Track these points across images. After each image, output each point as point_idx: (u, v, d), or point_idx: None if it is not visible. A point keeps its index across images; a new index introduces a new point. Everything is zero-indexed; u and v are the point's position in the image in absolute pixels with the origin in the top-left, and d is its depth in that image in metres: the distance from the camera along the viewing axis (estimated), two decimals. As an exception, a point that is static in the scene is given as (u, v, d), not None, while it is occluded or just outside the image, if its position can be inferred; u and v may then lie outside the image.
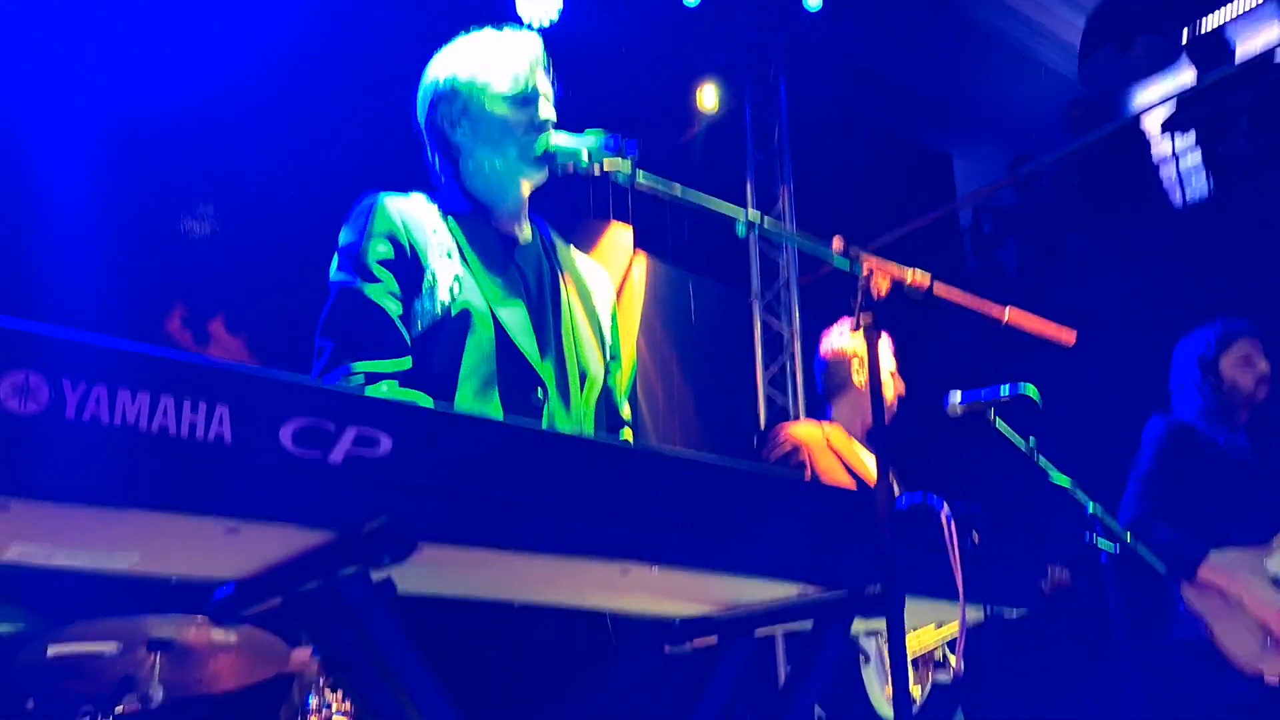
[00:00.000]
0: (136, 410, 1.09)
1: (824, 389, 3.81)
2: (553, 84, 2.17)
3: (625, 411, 2.26)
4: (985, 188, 7.31)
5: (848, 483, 3.44)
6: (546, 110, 2.10)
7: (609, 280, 2.30)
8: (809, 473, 3.46)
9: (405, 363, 1.90)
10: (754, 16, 7.18)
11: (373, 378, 1.85)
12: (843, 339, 3.75)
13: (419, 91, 2.18)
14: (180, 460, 1.12)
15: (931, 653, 3.49)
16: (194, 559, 1.32)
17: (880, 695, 3.37)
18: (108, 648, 3.03)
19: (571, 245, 2.29)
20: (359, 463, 1.22)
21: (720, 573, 1.54)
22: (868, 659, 3.38)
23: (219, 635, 3.08)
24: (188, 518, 1.14)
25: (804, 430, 3.64)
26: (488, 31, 2.15)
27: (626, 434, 2.24)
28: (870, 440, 3.58)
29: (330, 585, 1.28)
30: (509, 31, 2.15)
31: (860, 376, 3.71)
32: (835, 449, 3.55)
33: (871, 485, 3.48)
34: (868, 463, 3.60)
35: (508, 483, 1.33)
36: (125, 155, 4.81)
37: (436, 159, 2.17)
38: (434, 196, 2.11)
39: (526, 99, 2.09)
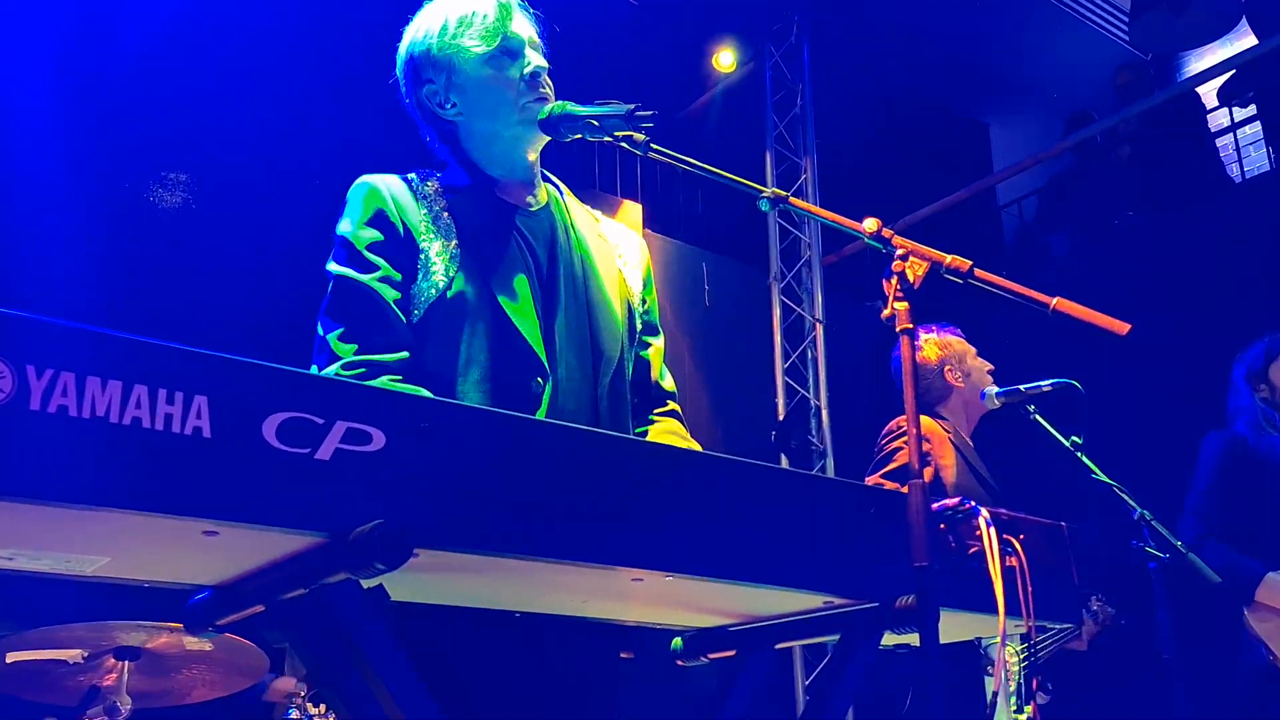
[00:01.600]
0: (107, 401, 1.09)
1: (920, 398, 3.89)
2: (536, 25, 2.16)
3: (668, 382, 2.27)
4: (1026, 160, 7.26)
5: (972, 481, 3.52)
6: (535, 58, 2.10)
7: (641, 246, 2.30)
8: (932, 467, 3.55)
9: (406, 354, 1.91)
10: (775, -30, 7.14)
11: (375, 369, 1.87)
12: (927, 346, 3.93)
13: (397, 69, 2.18)
14: (154, 456, 1.11)
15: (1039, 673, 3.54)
16: (168, 563, 1.32)
17: (1004, 710, 3.39)
18: (72, 655, 3.03)
19: (599, 211, 2.29)
20: (349, 459, 1.22)
21: (739, 582, 1.53)
22: (992, 666, 3.41)
23: (193, 643, 3.09)
24: (162, 518, 1.13)
25: (926, 421, 3.72)
26: None
27: (673, 406, 2.26)
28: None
29: (318, 593, 1.27)
30: None
31: (954, 376, 3.86)
32: (957, 445, 3.69)
33: (992, 484, 3.57)
34: (983, 465, 3.71)
35: (511, 482, 1.32)
36: (88, 115, 4.76)
37: (431, 137, 2.18)
38: (430, 174, 2.12)
39: (508, 51, 2.09)
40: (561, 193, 2.22)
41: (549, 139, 2.11)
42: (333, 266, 1.99)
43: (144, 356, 1.12)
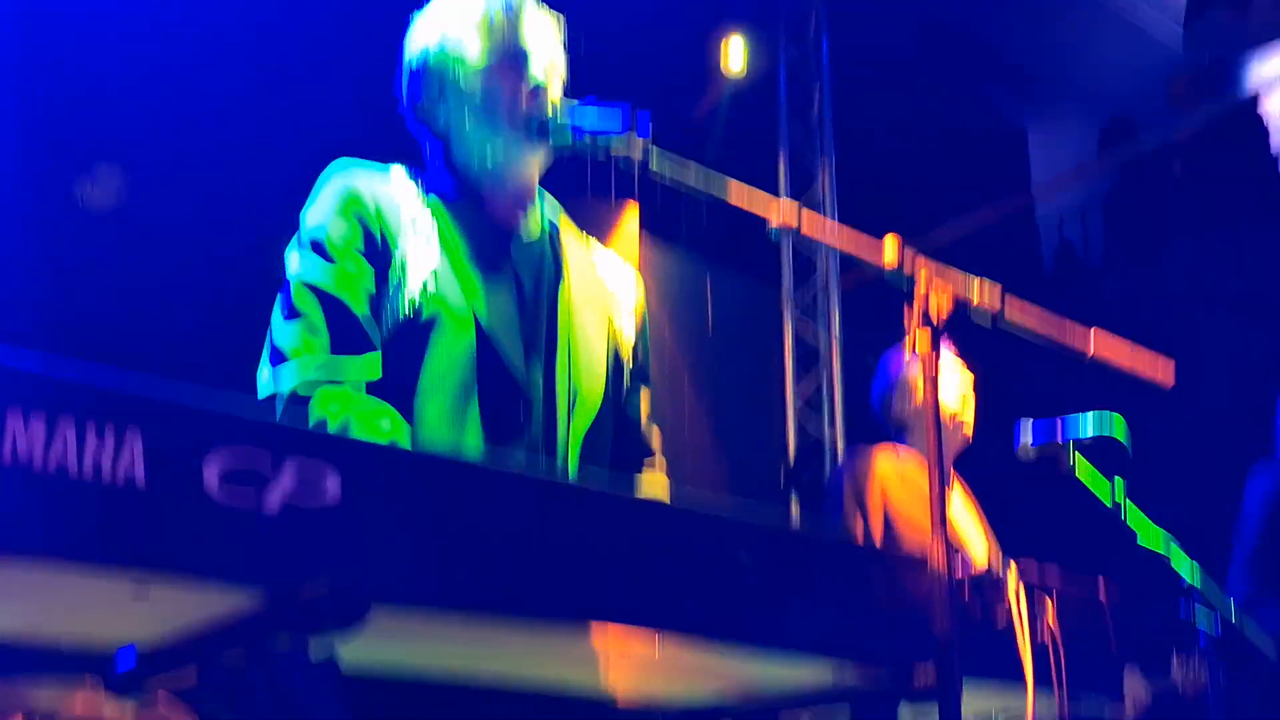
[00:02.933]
0: (29, 442, 1.08)
1: (893, 424, 3.98)
2: (558, 34, 2.21)
3: (656, 434, 2.33)
4: (1068, 172, 7.31)
5: (925, 518, 3.51)
6: (538, 70, 2.13)
7: (637, 285, 2.36)
8: (880, 514, 3.56)
9: (372, 365, 1.94)
10: (792, -45, 7.18)
11: (335, 380, 1.89)
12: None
13: (400, 66, 2.24)
14: (80, 501, 1.11)
15: None
16: (91, 621, 1.31)
17: None
18: (-28, 718, 3.01)
19: (593, 239, 2.34)
20: (301, 511, 1.22)
21: (737, 646, 1.53)
22: None
23: (112, 710, 3.06)
24: (86, 571, 1.13)
25: (879, 459, 3.75)
26: None
27: (659, 463, 2.31)
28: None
29: (260, 657, 1.27)
30: None
31: (903, 407, 3.91)
32: (908, 478, 3.69)
33: (955, 532, 3.59)
34: (952, 499, 3.70)
35: (479, 535, 1.32)
36: (2, 97, 4.68)
37: (424, 142, 2.23)
38: (416, 173, 2.16)
39: (511, 63, 2.12)
40: (557, 220, 2.27)
41: (548, 160, 2.16)
42: (292, 259, 2.00)
43: (71, 391, 1.12)
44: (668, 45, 7.05)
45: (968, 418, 3.88)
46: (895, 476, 3.73)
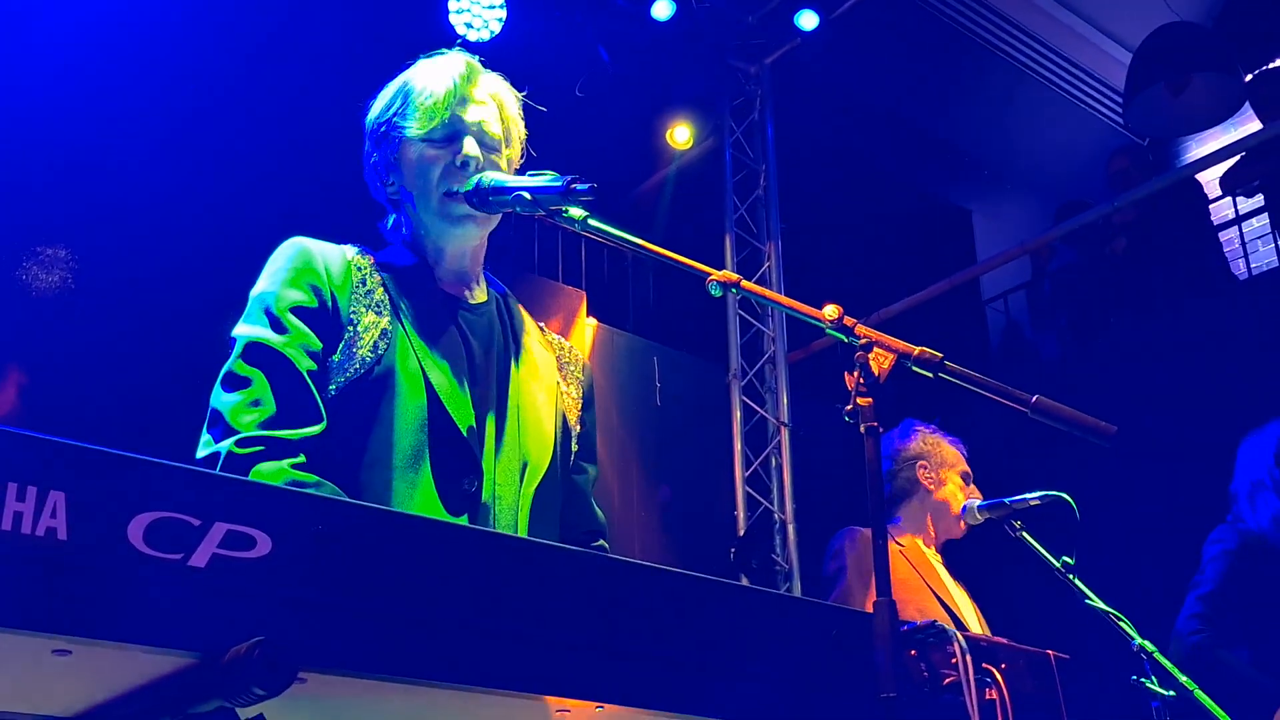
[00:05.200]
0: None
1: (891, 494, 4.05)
2: (506, 110, 2.28)
3: (599, 516, 2.36)
4: (1012, 250, 7.43)
5: (929, 602, 3.55)
6: (470, 148, 2.17)
7: (586, 368, 2.41)
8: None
9: (316, 429, 1.94)
10: (736, 38, 7.33)
11: (276, 446, 1.88)
12: (906, 439, 4.04)
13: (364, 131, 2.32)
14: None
15: None
16: (8, 688, 1.28)
17: None
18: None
19: (544, 326, 2.40)
20: (228, 567, 1.20)
21: (681, 714, 1.51)
22: None
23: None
24: (4, 635, 1.10)
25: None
26: (419, 64, 2.26)
27: (603, 543, 2.33)
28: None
29: (186, 724, 1.24)
30: (437, 58, 2.26)
31: (927, 476, 3.97)
32: (911, 560, 3.72)
33: (954, 608, 3.62)
34: (948, 582, 3.74)
35: (417, 595, 1.31)
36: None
37: (382, 201, 2.31)
38: (369, 249, 2.20)
39: (448, 135, 2.18)
40: (507, 298, 2.32)
41: (486, 230, 2.21)
42: (241, 329, 2.01)
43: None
44: (614, 123, 7.14)
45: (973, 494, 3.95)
46: (897, 556, 3.76)
